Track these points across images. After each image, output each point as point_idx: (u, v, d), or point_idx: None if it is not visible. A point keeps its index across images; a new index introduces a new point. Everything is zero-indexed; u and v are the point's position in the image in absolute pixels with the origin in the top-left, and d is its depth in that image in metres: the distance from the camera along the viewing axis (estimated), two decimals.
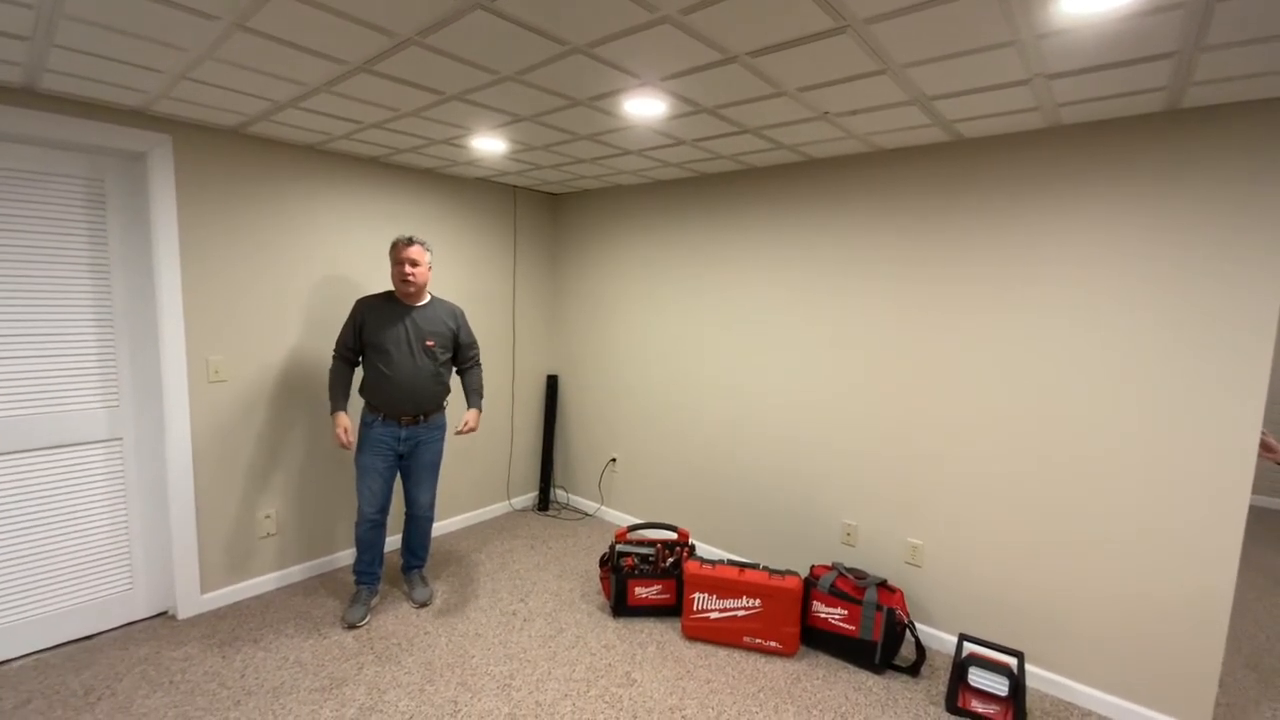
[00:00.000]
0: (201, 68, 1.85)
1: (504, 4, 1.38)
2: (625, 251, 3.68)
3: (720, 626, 2.59)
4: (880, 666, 2.43)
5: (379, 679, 2.30)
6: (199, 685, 2.22)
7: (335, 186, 2.95)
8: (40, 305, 2.27)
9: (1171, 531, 2.06)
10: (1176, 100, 1.88)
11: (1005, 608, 2.41)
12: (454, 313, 2.79)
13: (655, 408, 3.59)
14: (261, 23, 1.52)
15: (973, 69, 1.68)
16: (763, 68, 1.71)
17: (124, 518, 2.54)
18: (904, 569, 2.68)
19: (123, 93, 2.12)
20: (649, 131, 2.41)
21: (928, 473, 2.57)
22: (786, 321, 2.97)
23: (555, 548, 3.52)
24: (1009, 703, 2.12)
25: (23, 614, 2.32)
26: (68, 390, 2.35)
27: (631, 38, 1.54)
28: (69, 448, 2.38)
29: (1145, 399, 2.09)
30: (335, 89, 2.01)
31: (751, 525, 3.19)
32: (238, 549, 2.80)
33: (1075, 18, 1.36)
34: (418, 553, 2.92)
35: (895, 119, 2.15)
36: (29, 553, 2.32)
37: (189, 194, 2.51)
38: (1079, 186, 2.16)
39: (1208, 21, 1.37)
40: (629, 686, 2.31)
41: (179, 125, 2.45)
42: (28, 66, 1.89)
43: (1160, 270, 2.04)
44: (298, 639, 2.53)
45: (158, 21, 1.53)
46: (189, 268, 2.54)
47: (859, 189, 2.69)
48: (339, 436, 2.56)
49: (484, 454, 3.84)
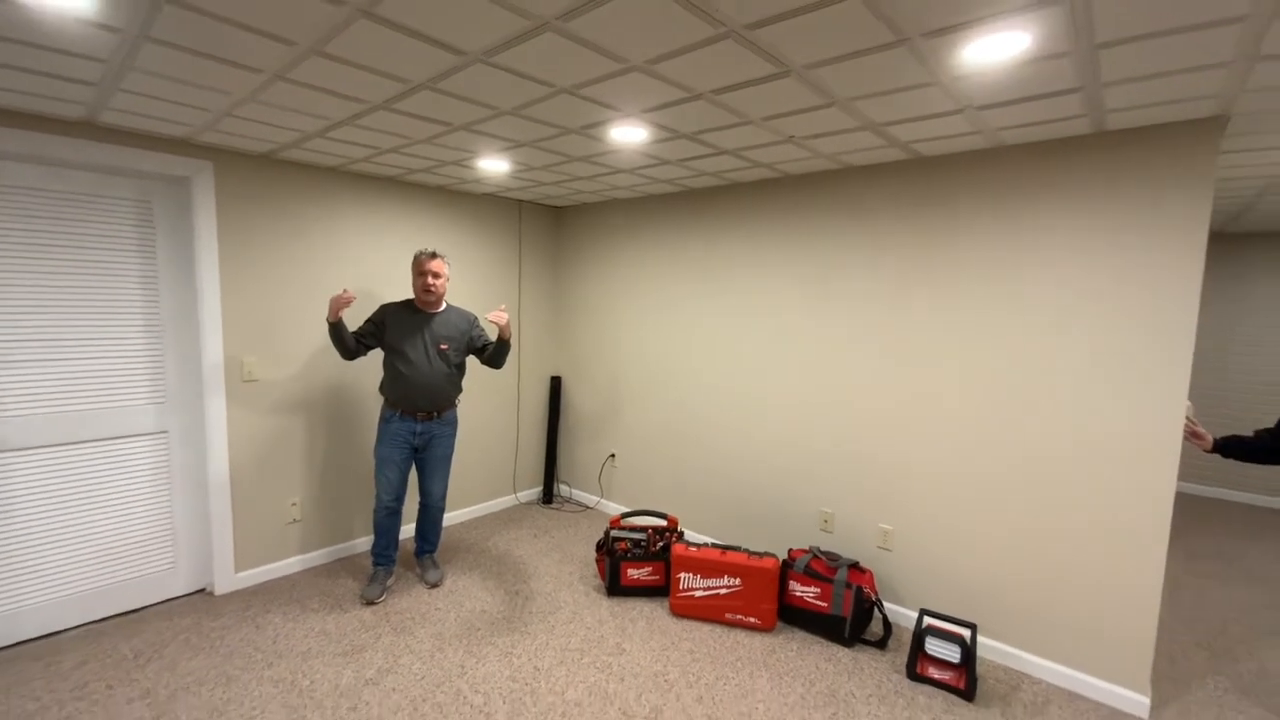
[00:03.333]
0: (244, 107, 2.14)
1: (501, 58, 1.65)
2: (622, 260, 3.95)
3: (704, 604, 2.82)
4: (850, 640, 2.65)
5: (394, 646, 2.56)
6: (236, 649, 2.50)
7: (355, 204, 3.25)
8: (98, 313, 2.57)
9: (1107, 514, 2.27)
10: (1101, 123, 2.10)
11: (963, 586, 2.63)
12: (468, 319, 3.06)
13: (651, 407, 3.84)
14: (299, 74, 1.81)
15: (908, 102, 1.92)
16: (726, 102, 1.97)
17: (168, 503, 2.83)
18: (875, 553, 2.89)
19: (172, 126, 2.42)
20: (637, 154, 2.67)
21: (898, 465, 2.79)
22: (767, 327, 3.21)
23: (557, 537, 3.77)
24: (962, 669, 2.33)
25: (78, 588, 2.62)
26: (121, 388, 2.65)
27: (608, 82, 1.80)
28: (122, 439, 2.68)
29: (1082, 396, 2.30)
30: (358, 122, 2.29)
31: (737, 514, 3.42)
32: (267, 533, 3.08)
33: (979, 65, 1.60)
34: (430, 538, 3.19)
35: (855, 141, 2.39)
36: (86, 533, 2.62)
37: (227, 213, 2.81)
38: (1024, 200, 2.39)
39: (1097, 65, 1.60)
40: (619, 655, 2.56)
41: (219, 152, 2.75)
42: (91, 105, 2.19)
43: (1096, 278, 2.26)
44: (322, 613, 2.80)
45: (213, 73, 1.82)
46: (226, 279, 2.84)
47: (832, 203, 2.93)
48: (337, 299, 2.66)
49: (492, 450, 4.10)
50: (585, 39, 1.53)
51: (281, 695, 2.24)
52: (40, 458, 2.48)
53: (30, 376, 2.43)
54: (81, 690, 2.23)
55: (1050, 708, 2.29)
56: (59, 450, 2.52)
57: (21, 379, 2.41)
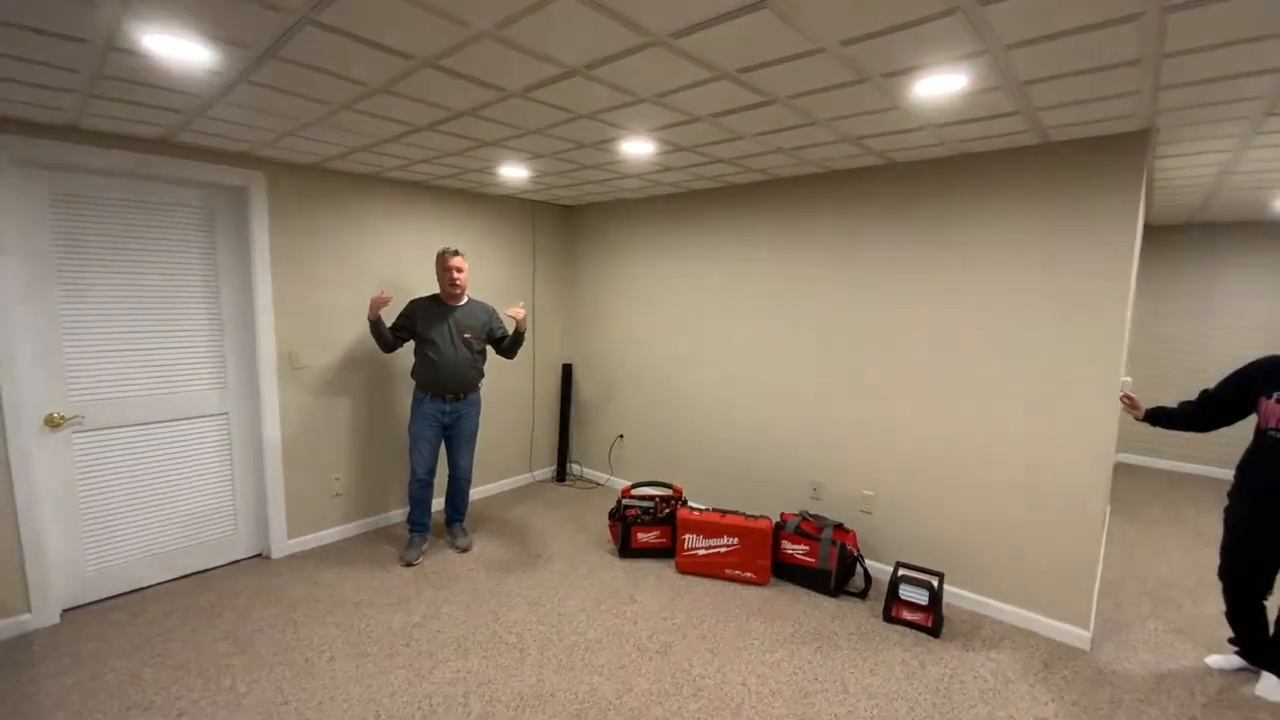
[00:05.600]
0: (306, 129, 2.47)
1: (536, 94, 1.99)
2: (629, 256, 4.28)
3: (706, 561, 3.18)
4: (835, 591, 3.02)
5: (434, 599, 2.92)
6: (298, 601, 2.87)
7: (389, 207, 3.58)
8: (170, 309, 2.91)
9: (1055, 475, 2.63)
10: (1045, 136, 2.44)
11: (934, 542, 2.99)
12: (488, 311, 3.40)
13: (656, 391, 4.19)
14: (364, 106, 2.14)
15: (878, 121, 2.25)
16: (723, 123, 2.30)
17: (230, 477, 3.19)
18: (859, 516, 3.25)
19: (235, 143, 2.75)
20: (644, 162, 3.00)
21: (878, 439, 3.14)
22: (760, 318, 3.56)
23: (571, 510, 4.13)
24: (930, 610, 2.69)
25: (157, 550, 2.98)
26: (189, 375, 3.00)
27: (622, 110, 2.14)
28: (191, 420, 3.03)
29: (1033, 372, 2.65)
30: (401, 140, 2.63)
31: (736, 485, 3.78)
32: (315, 505, 3.45)
33: (930, 95, 1.94)
34: (459, 508, 3.55)
35: (836, 151, 2.73)
36: (163, 502, 2.97)
37: (278, 218, 3.15)
38: (985, 200, 2.72)
39: (1027, 96, 1.94)
40: (631, 604, 2.92)
41: (272, 164, 3.09)
42: (171, 128, 2.52)
43: (1044, 270, 2.60)
44: (368, 572, 3.17)
45: (291, 107, 2.15)
46: (277, 277, 3.18)
47: (817, 203, 3.27)
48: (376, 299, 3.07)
49: (510, 432, 4.46)
50: (605, 80, 1.86)
51: (343, 635, 2.60)
52: (125, 435, 2.83)
53: (117, 365, 2.78)
54: (169, 633, 2.60)
55: (1005, 641, 2.65)
56: (140, 429, 2.87)
57: (110, 366, 2.76)
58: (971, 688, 2.35)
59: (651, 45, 1.61)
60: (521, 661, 2.45)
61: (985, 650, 2.59)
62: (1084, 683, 2.39)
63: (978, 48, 1.59)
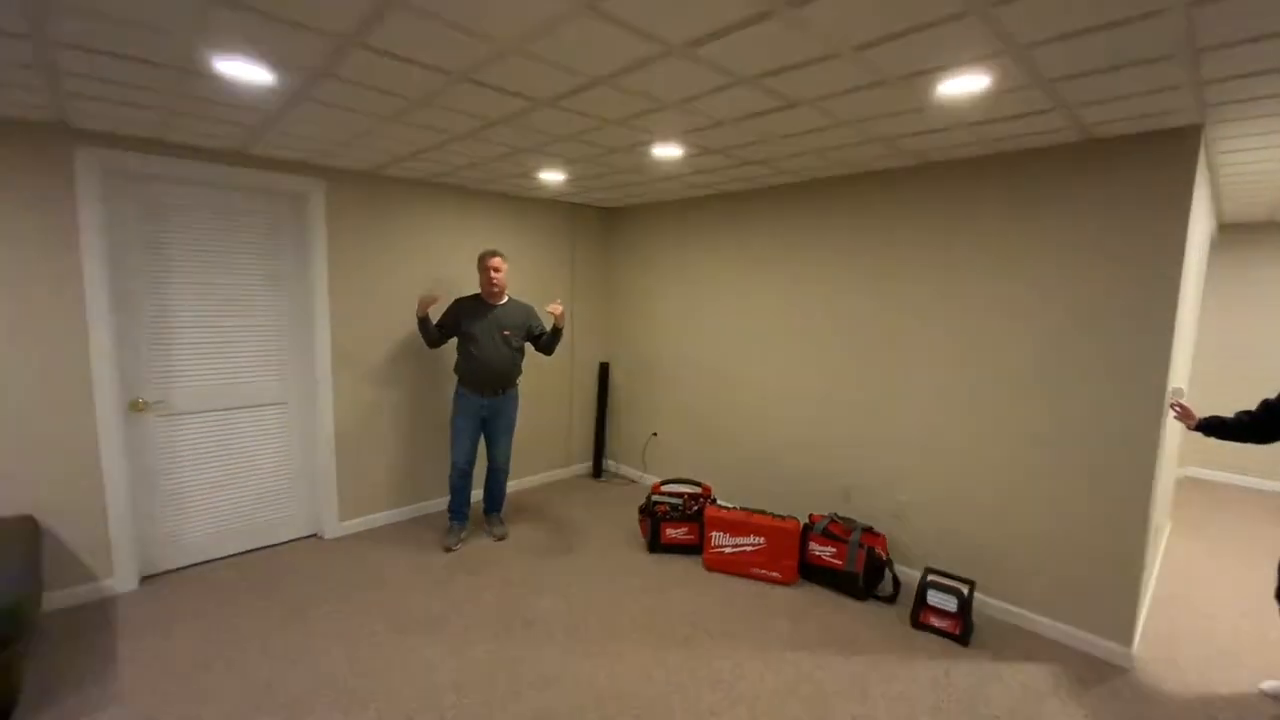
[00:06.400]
0: (360, 140, 2.66)
1: (566, 102, 2.09)
2: (664, 259, 4.35)
3: (733, 559, 3.21)
4: (863, 595, 2.99)
5: (472, 582, 3.08)
6: (348, 579, 3.07)
7: (435, 210, 3.78)
8: (238, 305, 3.18)
9: (1096, 485, 2.53)
10: (1087, 133, 2.36)
11: (967, 550, 2.92)
12: (527, 310, 3.55)
13: (690, 391, 4.25)
14: (412, 118, 2.30)
15: (906, 121, 2.24)
16: (749, 125, 2.34)
17: (288, 462, 3.44)
18: (890, 521, 3.21)
19: (297, 153, 2.99)
20: (676, 165, 3.07)
21: (912, 444, 3.10)
22: (793, 321, 3.56)
23: (605, 504, 4.24)
24: (958, 618, 2.64)
25: (224, 526, 3.25)
26: (254, 366, 3.27)
27: (649, 115, 2.21)
28: (255, 408, 3.29)
29: (1075, 380, 2.56)
30: (443, 147, 2.79)
31: (765, 485, 3.79)
32: (363, 491, 3.67)
33: (955, 95, 1.92)
34: (496, 498, 3.71)
35: (866, 152, 2.71)
36: (228, 482, 3.25)
37: (335, 221, 3.38)
38: (1026, 201, 2.65)
39: (1059, 93, 1.89)
40: (659, 596, 2.99)
41: (330, 171, 3.32)
42: (241, 141, 2.76)
43: (1087, 273, 2.51)
44: (410, 555, 3.36)
45: (347, 122, 2.33)
46: (334, 275, 3.41)
47: (855, 204, 3.24)
48: (424, 298, 3.31)
49: (548, 428, 4.61)
50: (628, 87, 1.94)
51: (386, 612, 2.78)
52: (198, 420, 3.11)
53: (192, 356, 3.06)
54: (233, 602, 2.84)
55: (1039, 654, 2.57)
56: (211, 415, 3.15)
57: (187, 358, 3.04)
58: (999, 699, 2.30)
59: (669, 55, 1.68)
60: (549, 645, 2.56)
61: (1016, 661, 2.52)
62: (1122, 701, 2.30)
63: (996, 48, 1.58)
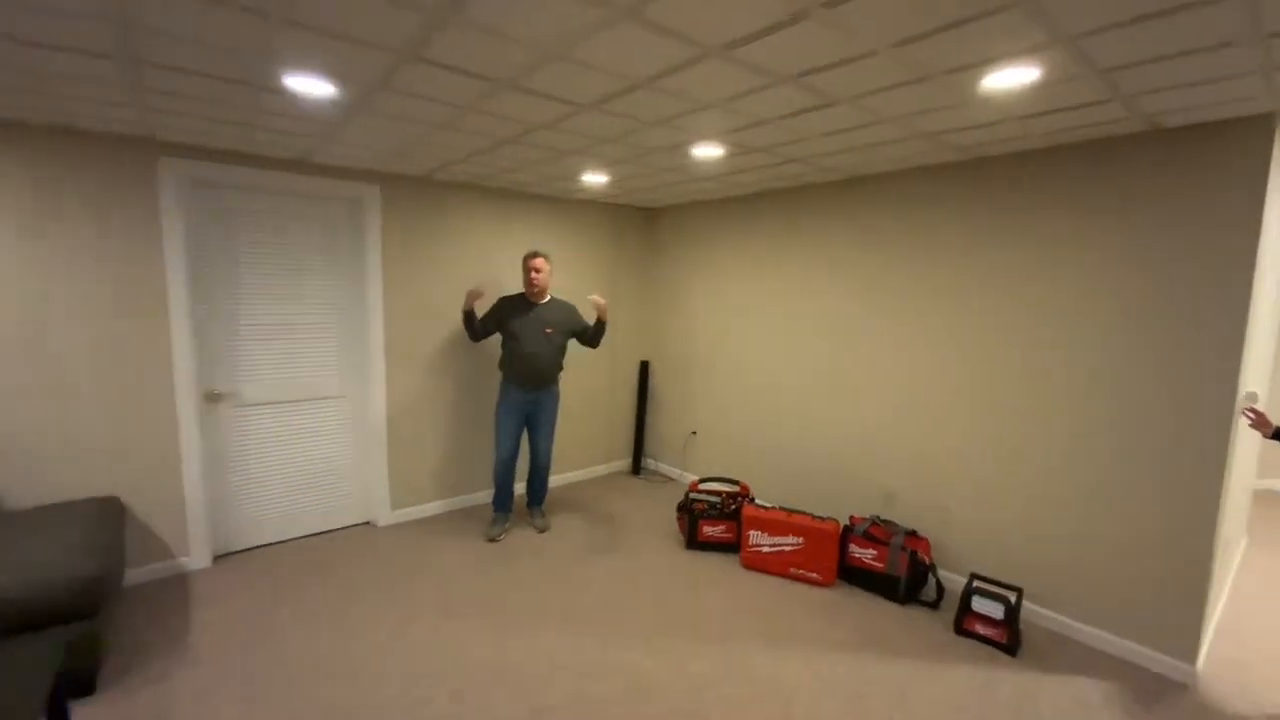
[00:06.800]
0: (410, 147, 2.80)
1: (610, 105, 2.15)
2: (705, 258, 4.37)
3: (770, 558, 3.21)
4: (904, 599, 2.94)
5: (514, 571, 3.18)
6: (398, 565, 3.23)
7: (483, 212, 3.92)
8: (300, 303, 3.38)
9: (1157, 491, 2.41)
10: (1152, 123, 2.25)
11: (1016, 557, 2.82)
12: (568, 308, 3.63)
13: (730, 389, 4.25)
14: (461, 124, 2.41)
15: (952, 116, 2.20)
16: (789, 124, 2.34)
17: (345, 452, 3.64)
18: (934, 525, 3.14)
19: (356, 160, 3.15)
20: (718, 164, 3.09)
21: (958, 448, 3.02)
22: (835, 321, 3.52)
23: (643, 501, 4.29)
24: (1005, 626, 2.56)
25: (285, 512, 3.47)
26: (315, 361, 3.46)
27: (690, 115, 2.25)
28: (315, 400, 3.50)
29: (1133, 385, 2.44)
30: (492, 152, 2.89)
31: (805, 486, 3.76)
32: (413, 482, 3.84)
33: (1003, 88, 1.88)
34: (538, 492, 3.82)
35: (907, 147, 2.67)
36: (292, 470, 3.46)
37: (389, 225, 3.55)
38: (1081, 197, 2.55)
39: (1116, 83, 1.82)
40: (694, 592, 3.02)
41: (384, 177, 3.49)
42: (305, 151, 2.94)
43: (1148, 273, 2.39)
44: (456, 544, 3.50)
45: (399, 131, 2.46)
46: (387, 276, 3.58)
47: (896, 202, 3.18)
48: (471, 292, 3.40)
49: (590, 425, 4.70)
50: (668, 90, 1.98)
51: (434, 597, 2.91)
52: (265, 412, 3.33)
53: (259, 351, 3.27)
54: (295, 581, 3.03)
55: (1092, 667, 2.47)
56: (276, 406, 3.36)
57: (255, 353, 3.26)
58: (1048, 711, 2.23)
59: (708, 57, 1.71)
60: (586, 635, 2.63)
61: (1067, 674, 2.43)
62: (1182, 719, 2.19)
63: (1044, 39, 1.55)
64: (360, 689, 2.25)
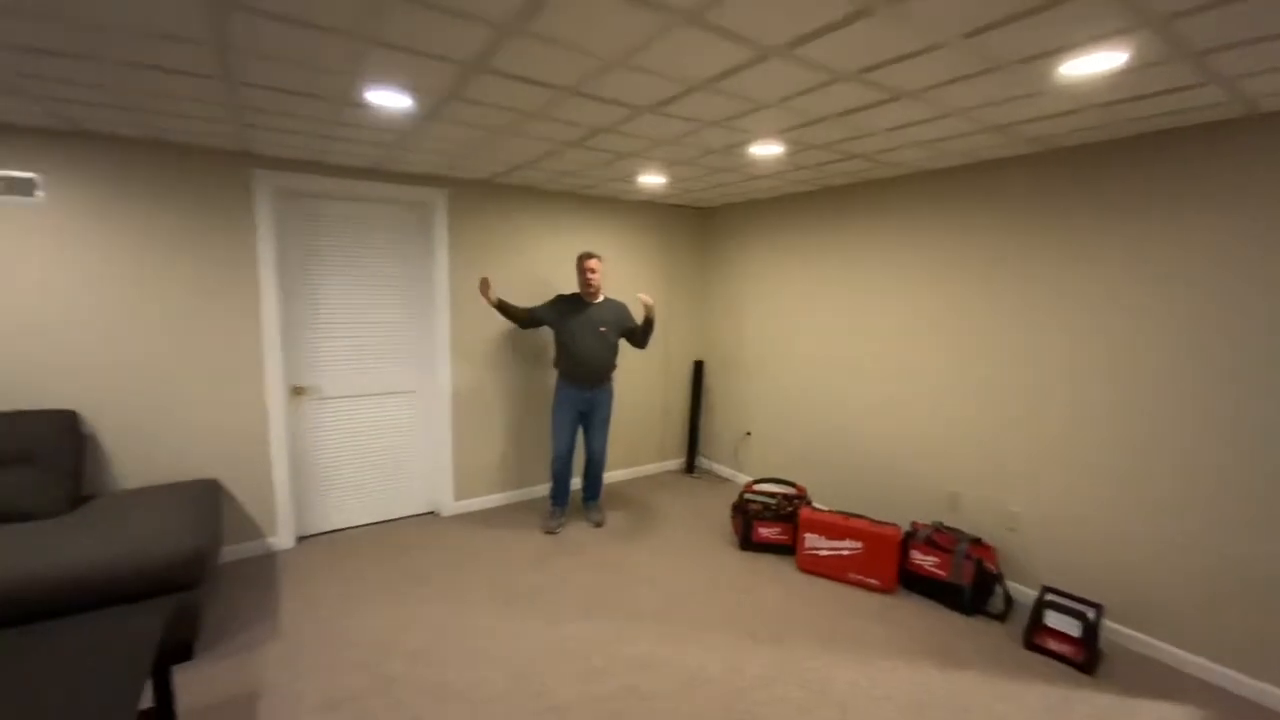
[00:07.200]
0: (476, 153, 2.92)
1: (668, 108, 2.18)
2: (760, 256, 4.33)
3: (827, 562, 3.15)
4: (969, 609, 2.82)
5: (569, 564, 3.27)
6: (461, 553, 3.38)
7: (542, 214, 4.03)
8: (375, 303, 3.58)
9: (1268, 506, 2.22)
10: (1254, 107, 2.08)
11: (1094, 571, 2.66)
12: (621, 307, 3.69)
13: (786, 390, 4.20)
14: (526, 130, 2.50)
15: (1026, 107, 2.10)
16: (851, 120, 2.30)
17: (413, 445, 3.83)
18: (1002, 533, 3.00)
19: (425, 167, 3.32)
20: (775, 162, 3.06)
21: (1030, 447, 2.88)
22: (897, 318, 3.41)
23: (697, 500, 4.30)
24: (1082, 643, 2.42)
25: (361, 499, 3.69)
26: (388, 357, 3.67)
27: (748, 116, 2.25)
28: (388, 395, 3.70)
29: (1235, 389, 2.26)
30: (553, 156, 2.98)
31: (863, 490, 3.67)
32: (476, 474, 4.00)
33: (1080, 78, 1.78)
34: (594, 487, 3.90)
35: (976, 141, 2.56)
36: (365, 462, 3.67)
37: (455, 227, 3.71)
38: (1174, 189, 2.38)
39: (1210, 67, 1.70)
40: (748, 594, 3.01)
41: (451, 181, 3.66)
42: (379, 158, 3.12)
43: (1246, 270, 2.21)
44: (515, 536, 3.62)
45: (469, 138, 2.58)
46: (453, 276, 3.75)
47: (964, 195, 3.06)
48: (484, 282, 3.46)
49: (643, 423, 4.75)
50: (728, 90, 1.99)
51: (493, 585, 3.03)
52: (342, 405, 3.55)
53: (338, 347, 3.50)
54: (369, 562, 3.22)
55: (1182, 694, 2.30)
56: (352, 400, 3.59)
57: (334, 349, 3.49)
58: None
59: (768, 58, 1.71)
60: (639, 630, 2.67)
61: (1152, 699, 2.28)
62: None
63: (1130, 22, 1.46)
64: (425, 667, 2.38)
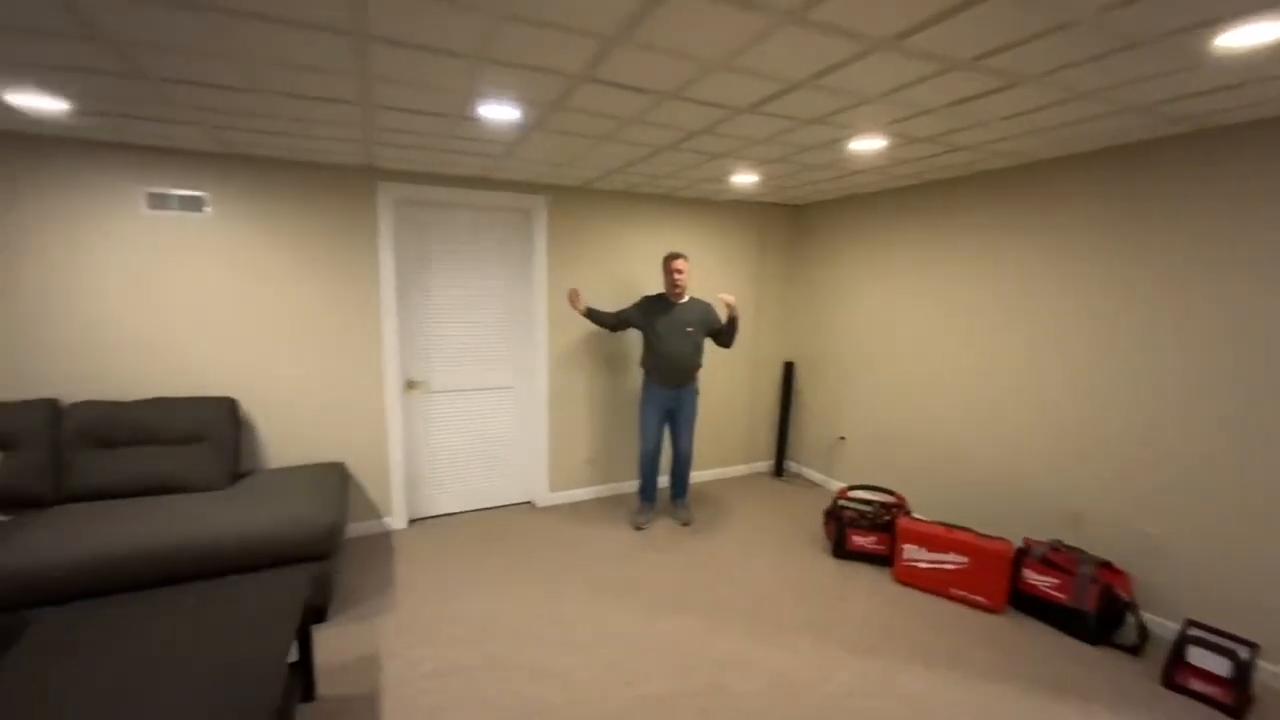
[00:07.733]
0: (580, 158, 3.05)
1: (766, 106, 2.17)
2: (859, 252, 4.18)
3: (928, 575, 3.00)
4: (1094, 638, 2.58)
5: (657, 561, 3.32)
6: (555, 543, 3.53)
7: (635, 217, 4.12)
8: (479, 303, 3.82)
9: None
10: None
11: (1248, 604, 2.35)
12: (706, 307, 3.70)
13: (884, 395, 4.02)
14: (622, 135, 2.58)
15: (1175, 83, 1.90)
16: (962, 110, 2.18)
17: (512, 438, 4.05)
18: (1133, 556, 2.71)
19: (527, 175, 3.50)
20: (875, 157, 2.95)
21: (1170, 462, 2.58)
22: (1007, 321, 3.17)
23: (786, 505, 4.22)
24: (1231, 684, 2.15)
25: (466, 486, 3.95)
26: (491, 355, 3.90)
27: (849, 111, 2.19)
28: (491, 390, 3.94)
29: None
30: (649, 160, 3.05)
31: (969, 502, 3.44)
32: (568, 468, 4.16)
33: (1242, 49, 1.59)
34: (681, 486, 3.93)
35: (1107, 124, 2.34)
36: (469, 453, 3.93)
37: (553, 231, 3.88)
38: None
39: None
40: (840, 602, 2.92)
41: (549, 188, 3.83)
42: (488, 169, 3.33)
43: None
44: (605, 529, 3.73)
45: (566, 142, 2.71)
46: (551, 277, 3.92)
47: (1083, 188, 2.79)
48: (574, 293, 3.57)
49: (732, 424, 4.72)
50: (830, 87, 1.96)
51: (585, 575, 3.15)
52: (449, 399, 3.83)
53: (446, 345, 3.77)
54: (472, 545, 3.45)
55: None
56: (458, 394, 3.85)
57: (443, 346, 3.76)
58: None
59: (874, 51, 1.67)
60: (727, 628, 2.68)
61: None
62: None
63: None
64: (519, 647, 2.52)
